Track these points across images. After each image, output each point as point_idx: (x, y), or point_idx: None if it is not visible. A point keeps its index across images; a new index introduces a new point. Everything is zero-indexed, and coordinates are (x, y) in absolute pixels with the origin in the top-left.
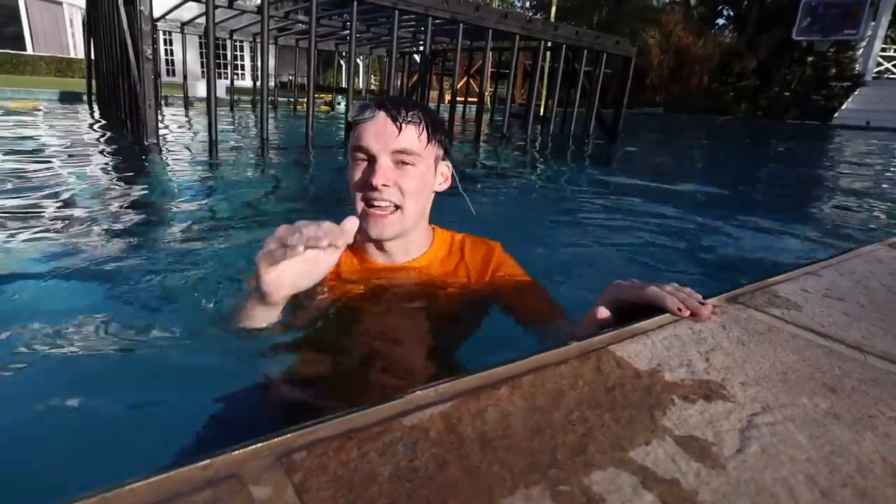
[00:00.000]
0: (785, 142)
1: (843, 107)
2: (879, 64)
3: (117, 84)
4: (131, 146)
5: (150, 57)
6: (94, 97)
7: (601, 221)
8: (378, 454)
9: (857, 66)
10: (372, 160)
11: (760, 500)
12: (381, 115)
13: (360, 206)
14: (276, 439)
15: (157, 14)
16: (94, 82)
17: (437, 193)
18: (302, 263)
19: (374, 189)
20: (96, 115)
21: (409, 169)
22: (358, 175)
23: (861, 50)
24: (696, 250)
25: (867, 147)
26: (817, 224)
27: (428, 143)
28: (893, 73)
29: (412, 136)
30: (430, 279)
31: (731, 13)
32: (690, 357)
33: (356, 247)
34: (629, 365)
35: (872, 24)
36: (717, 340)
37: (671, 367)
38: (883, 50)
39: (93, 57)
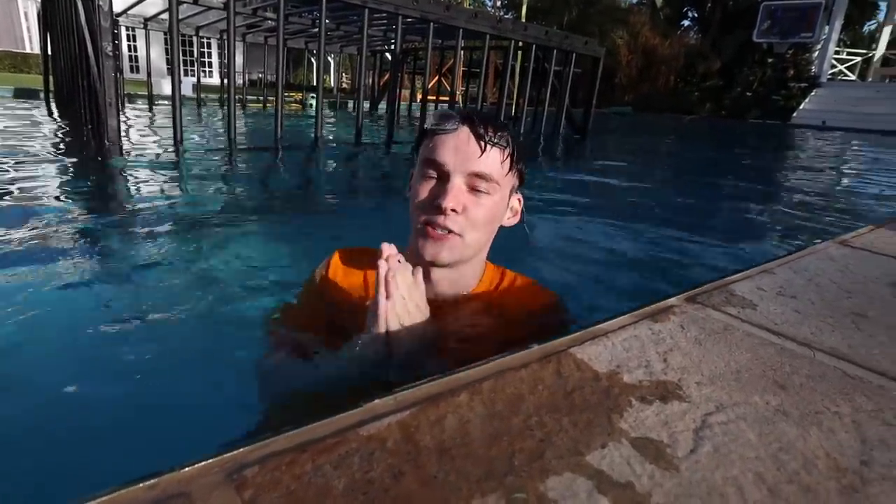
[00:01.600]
0: (746, 141)
1: (800, 107)
2: (833, 66)
3: (76, 81)
4: (91, 146)
5: (111, 54)
6: (51, 94)
7: (566, 220)
8: (333, 467)
9: (813, 67)
10: (444, 178)
11: (711, 500)
12: (465, 129)
13: (417, 222)
14: (227, 454)
15: (118, 9)
16: (51, 79)
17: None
18: (408, 300)
19: (441, 212)
20: (54, 113)
21: (483, 196)
22: (425, 192)
23: (816, 52)
24: (659, 249)
25: (822, 146)
26: (775, 222)
27: (509, 171)
28: (846, 75)
29: (495, 160)
30: (470, 321)
31: (696, 15)
32: (649, 358)
33: None
34: (589, 367)
35: (827, 27)
36: (675, 340)
37: (630, 369)
38: (836, 53)
39: (49, 52)
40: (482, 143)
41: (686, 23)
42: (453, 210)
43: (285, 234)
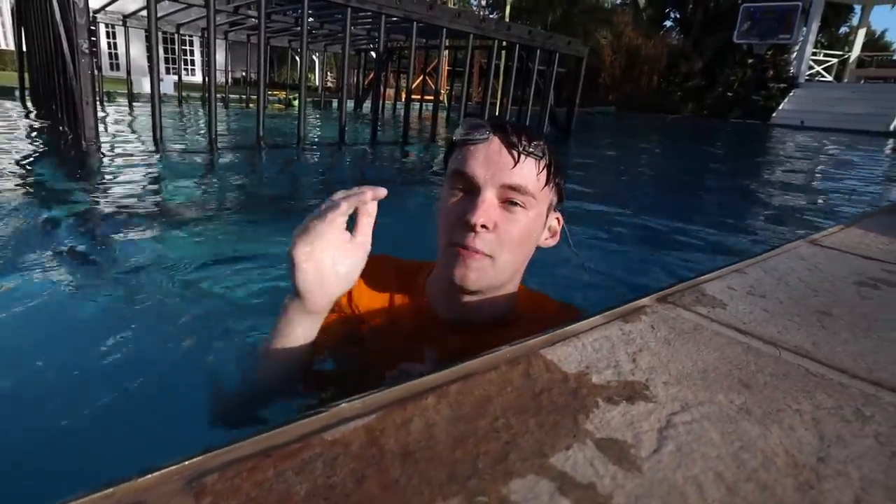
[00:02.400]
0: (727, 140)
1: (780, 107)
2: (811, 67)
3: (52, 79)
4: (68, 146)
5: (87, 51)
6: (26, 92)
7: None
8: (295, 472)
9: (792, 68)
10: (474, 192)
11: (671, 499)
12: (496, 139)
13: (444, 240)
14: (187, 462)
15: (96, 5)
16: (26, 76)
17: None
18: (338, 246)
19: (471, 229)
20: (30, 111)
21: (517, 212)
22: (453, 207)
23: (795, 53)
24: (636, 248)
25: (800, 146)
26: (750, 221)
27: (546, 184)
28: (823, 76)
29: (530, 171)
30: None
31: (678, 16)
32: (618, 358)
33: (424, 296)
34: (558, 368)
35: (804, 29)
36: (645, 340)
37: (598, 370)
38: (814, 54)
39: (24, 49)
40: (515, 153)
41: (668, 23)
42: (483, 226)
43: (261, 236)
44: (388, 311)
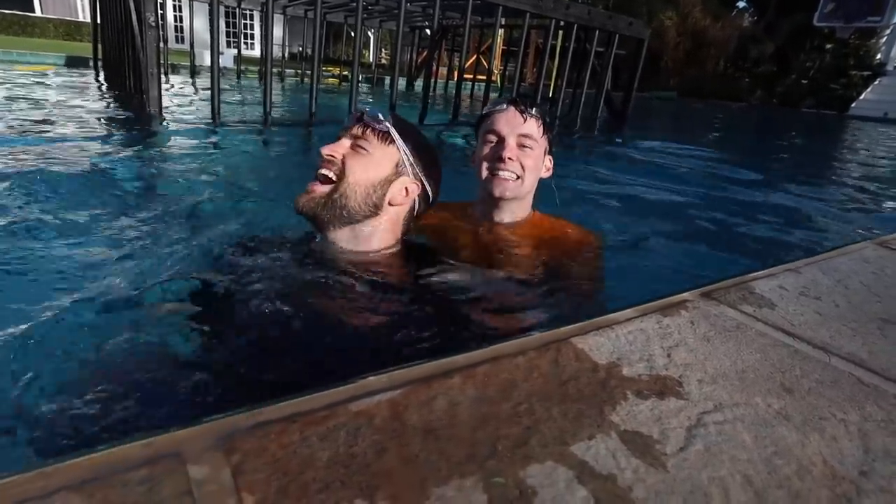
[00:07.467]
0: (799, 132)
1: (860, 97)
2: None
3: (122, 50)
4: (134, 114)
5: (154, 24)
6: (100, 63)
7: (590, 209)
8: (319, 439)
9: (880, 55)
10: (501, 141)
11: (693, 498)
12: (511, 108)
13: (485, 173)
14: (220, 420)
15: None
16: (100, 47)
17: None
18: None
19: (502, 161)
20: (102, 80)
21: (528, 151)
22: (489, 152)
23: (885, 38)
24: (684, 241)
25: (882, 140)
26: (812, 218)
27: (543, 134)
28: None
29: (533, 125)
30: (519, 242)
31: None
32: (652, 352)
33: (469, 210)
34: (588, 358)
35: None
36: (682, 336)
37: (630, 362)
38: None
39: (99, 21)
40: (524, 115)
41: (741, 4)
42: (510, 159)
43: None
44: (455, 228)
